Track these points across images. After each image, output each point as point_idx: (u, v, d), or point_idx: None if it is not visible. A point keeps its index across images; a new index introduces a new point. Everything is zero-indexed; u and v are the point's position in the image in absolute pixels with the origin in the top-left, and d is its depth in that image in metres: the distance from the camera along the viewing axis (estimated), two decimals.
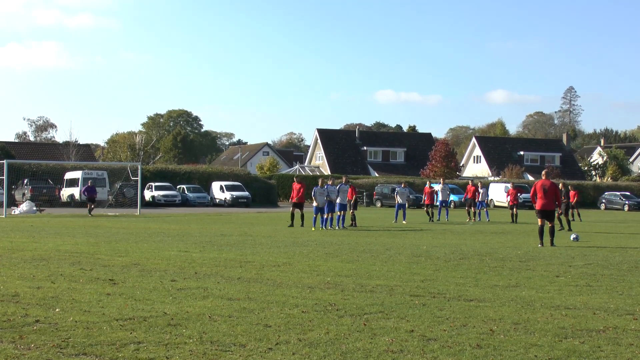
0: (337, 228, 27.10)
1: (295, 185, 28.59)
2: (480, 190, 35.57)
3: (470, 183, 36.64)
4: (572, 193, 33.05)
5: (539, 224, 19.46)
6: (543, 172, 20.12)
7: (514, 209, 34.29)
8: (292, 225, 27.73)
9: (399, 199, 33.09)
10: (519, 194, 35.75)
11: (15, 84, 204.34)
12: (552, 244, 19.36)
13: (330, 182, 27.78)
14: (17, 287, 10.46)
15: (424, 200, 35.74)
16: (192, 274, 12.36)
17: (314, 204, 26.80)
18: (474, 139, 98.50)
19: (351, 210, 30.04)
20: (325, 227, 26.67)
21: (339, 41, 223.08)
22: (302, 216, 28.30)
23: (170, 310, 8.79)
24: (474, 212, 35.61)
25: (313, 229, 26.19)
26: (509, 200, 35.19)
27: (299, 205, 28.28)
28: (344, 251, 17.07)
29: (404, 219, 32.54)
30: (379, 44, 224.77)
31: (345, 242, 19.90)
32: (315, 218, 26.64)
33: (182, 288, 10.61)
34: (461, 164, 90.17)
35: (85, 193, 38.36)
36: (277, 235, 22.62)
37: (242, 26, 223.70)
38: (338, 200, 27.24)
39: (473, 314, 8.85)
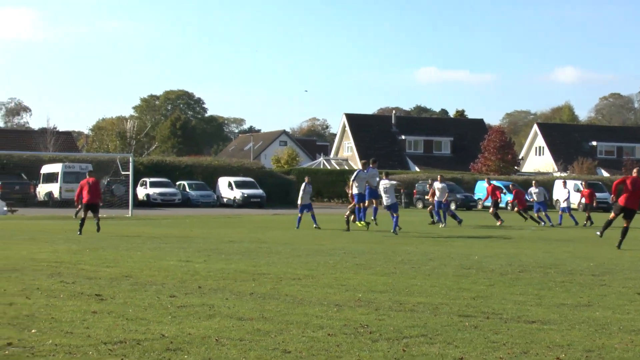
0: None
1: (85, 182, 25.58)
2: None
3: (486, 182, 37.45)
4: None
5: (611, 217, 20.31)
6: (635, 170, 20.61)
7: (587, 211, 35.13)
8: (80, 232, 24.48)
9: (437, 196, 33.18)
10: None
11: None
12: (619, 246, 20.73)
13: (372, 166, 27.87)
14: None
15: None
16: (195, 288, 12.40)
17: (355, 191, 26.78)
18: (535, 127, 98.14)
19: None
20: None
21: (371, 9, 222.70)
22: (97, 220, 25.25)
23: (169, 332, 8.82)
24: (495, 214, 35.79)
25: (359, 224, 26.49)
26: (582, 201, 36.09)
27: (92, 207, 25.30)
28: (378, 262, 17.05)
29: (444, 221, 32.92)
30: (419, 12, 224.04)
31: (379, 251, 19.88)
32: (358, 210, 26.86)
33: (183, 305, 10.65)
34: (520, 157, 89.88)
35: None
36: (297, 242, 22.65)
37: None
38: (385, 197, 27.15)
39: (535, 339, 8.80)
